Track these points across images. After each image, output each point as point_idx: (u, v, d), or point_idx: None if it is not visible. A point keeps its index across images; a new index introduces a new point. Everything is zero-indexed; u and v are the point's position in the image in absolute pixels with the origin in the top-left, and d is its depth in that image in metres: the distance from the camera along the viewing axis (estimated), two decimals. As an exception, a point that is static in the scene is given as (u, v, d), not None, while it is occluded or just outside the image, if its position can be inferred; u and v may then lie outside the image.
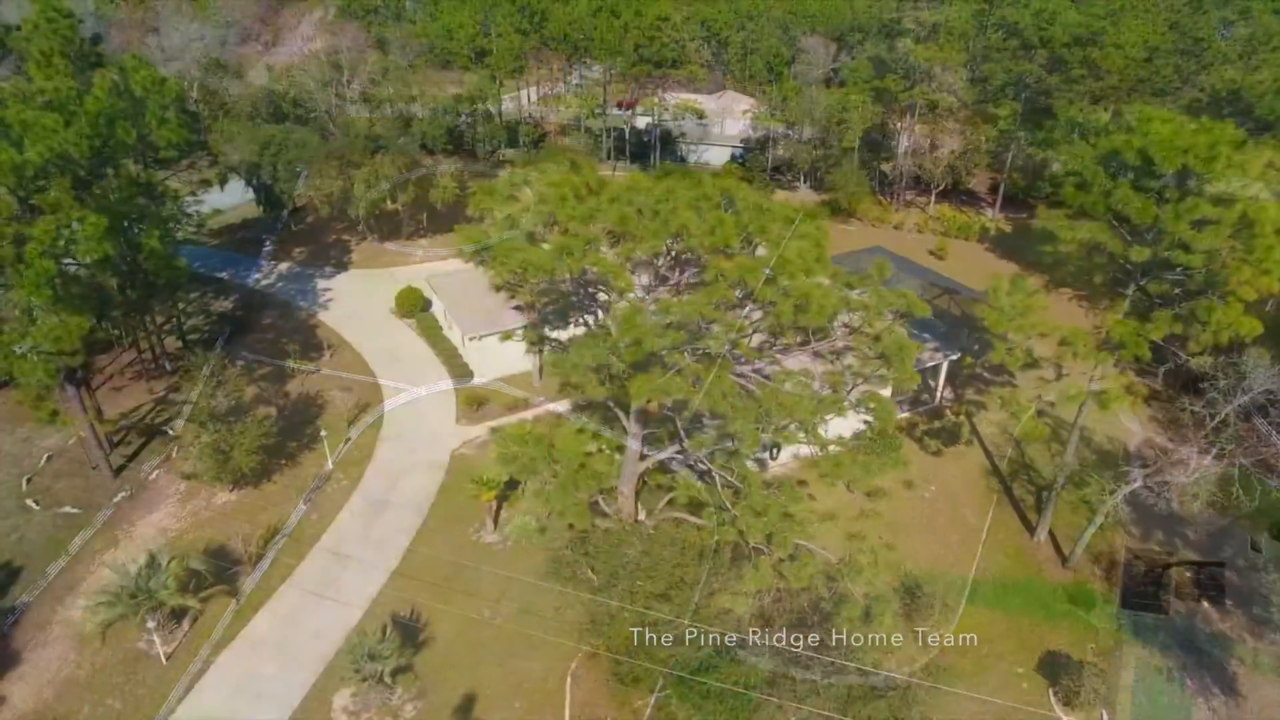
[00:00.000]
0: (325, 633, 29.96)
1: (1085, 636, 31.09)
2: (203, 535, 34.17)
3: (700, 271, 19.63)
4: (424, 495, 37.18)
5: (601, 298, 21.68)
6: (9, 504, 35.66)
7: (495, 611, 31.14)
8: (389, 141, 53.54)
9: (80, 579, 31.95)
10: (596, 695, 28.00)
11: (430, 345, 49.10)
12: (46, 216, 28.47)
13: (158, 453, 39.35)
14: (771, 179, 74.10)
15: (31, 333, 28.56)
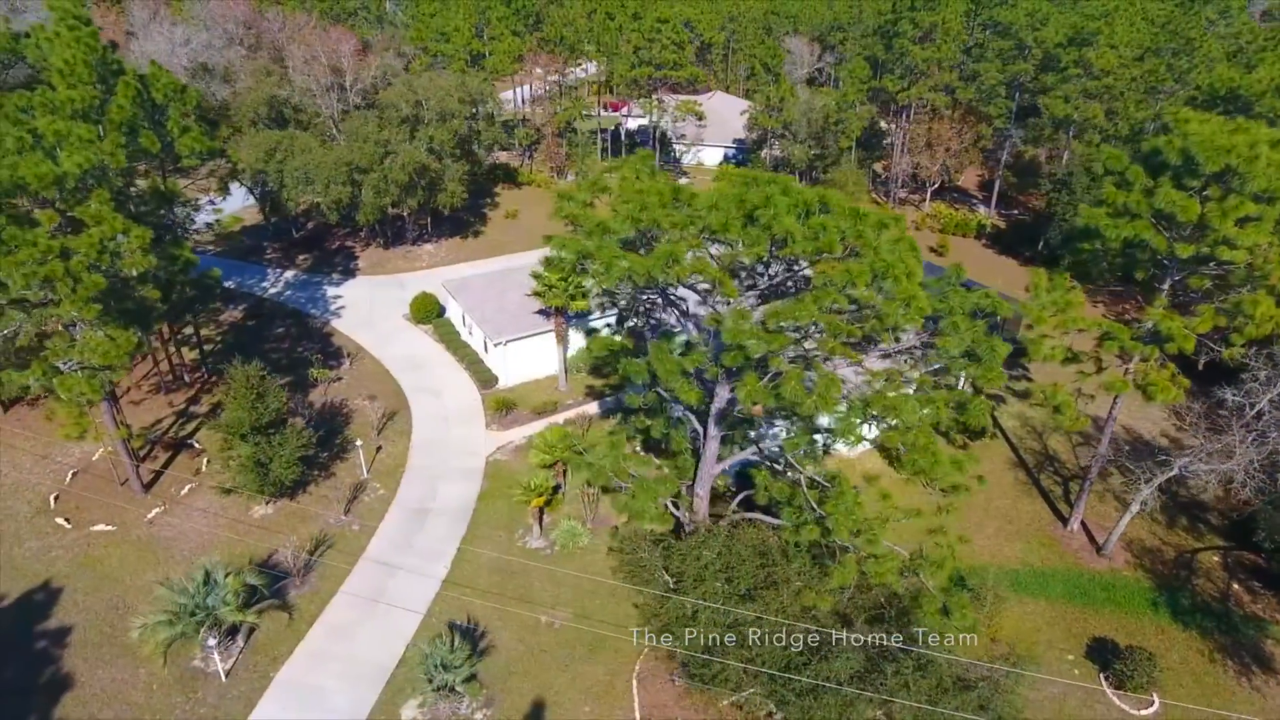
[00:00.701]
0: (383, 644, 29.74)
1: (1127, 622, 32.06)
2: (244, 549, 33.66)
3: (790, 275, 19.96)
4: (463, 502, 37.03)
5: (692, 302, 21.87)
6: (39, 522, 34.80)
7: (552, 616, 31.18)
8: (397, 146, 53.01)
9: (123, 597, 31.32)
10: (665, 696, 28.23)
11: (450, 351, 48.85)
12: (90, 229, 27.87)
13: (185, 466, 38.70)
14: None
15: (77, 348, 27.92)
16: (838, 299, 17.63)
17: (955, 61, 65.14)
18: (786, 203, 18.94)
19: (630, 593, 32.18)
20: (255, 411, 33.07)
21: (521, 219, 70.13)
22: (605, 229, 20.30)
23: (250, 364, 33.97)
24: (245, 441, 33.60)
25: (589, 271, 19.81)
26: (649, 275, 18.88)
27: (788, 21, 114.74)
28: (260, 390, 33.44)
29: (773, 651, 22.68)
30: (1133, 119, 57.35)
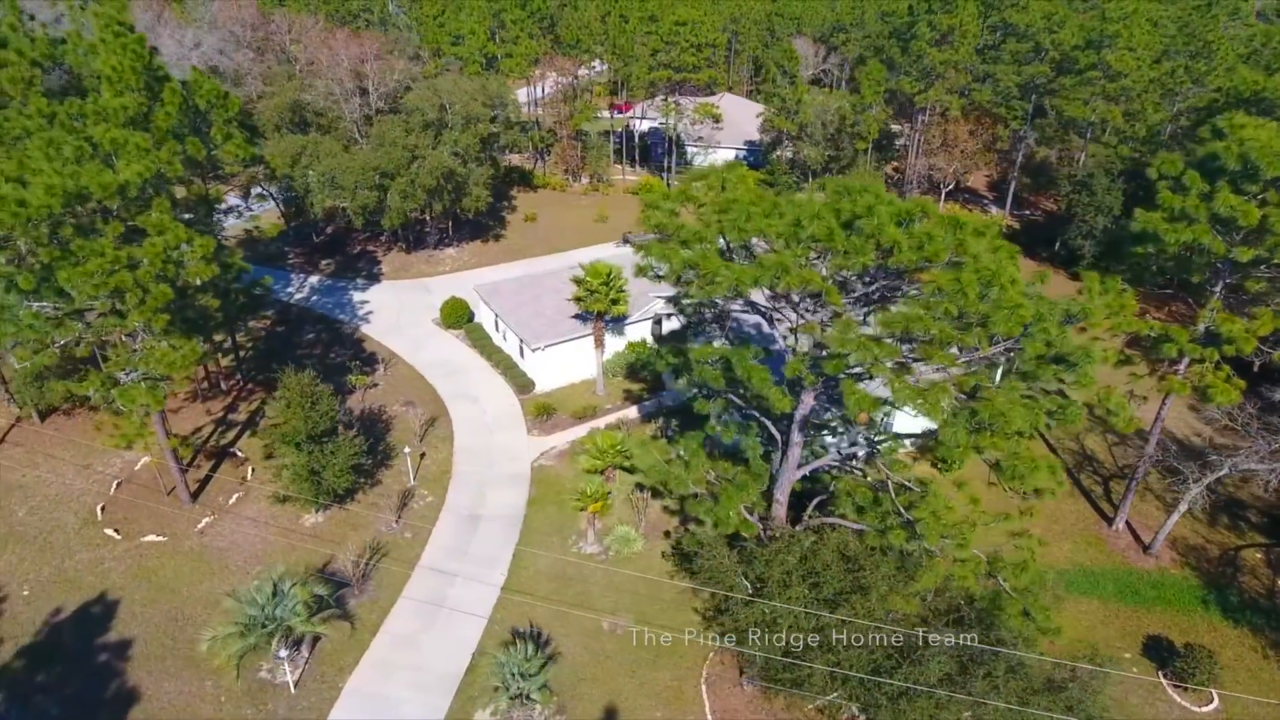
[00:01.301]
0: (450, 652, 29.73)
1: (1179, 620, 32.52)
2: (299, 558, 33.51)
3: (891, 285, 20.17)
4: (513, 509, 37.02)
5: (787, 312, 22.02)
6: (89, 534, 34.52)
7: (613, 622, 31.26)
8: (425, 151, 52.87)
9: (181, 608, 31.13)
10: (735, 702, 28.40)
11: (484, 356, 48.77)
12: (154, 239, 27.70)
13: (230, 474, 38.48)
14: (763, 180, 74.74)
15: (141, 358, 27.73)
16: (949, 307, 17.83)
17: (971, 64, 65.68)
18: (888, 212, 19.13)
19: (687, 597, 32.39)
20: (310, 420, 32.92)
21: (540, 222, 70.11)
22: (700, 238, 20.40)
23: (304, 372, 33.80)
24: (300, 450, 33.44)
25: (689, 282, 19.85)
26: (754, 285, 19.01)
27: (791, 23, 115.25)
28: (314, 398, 33.29)
29: (860, 655, 22.89)
30: (1150, 121, 58.07)
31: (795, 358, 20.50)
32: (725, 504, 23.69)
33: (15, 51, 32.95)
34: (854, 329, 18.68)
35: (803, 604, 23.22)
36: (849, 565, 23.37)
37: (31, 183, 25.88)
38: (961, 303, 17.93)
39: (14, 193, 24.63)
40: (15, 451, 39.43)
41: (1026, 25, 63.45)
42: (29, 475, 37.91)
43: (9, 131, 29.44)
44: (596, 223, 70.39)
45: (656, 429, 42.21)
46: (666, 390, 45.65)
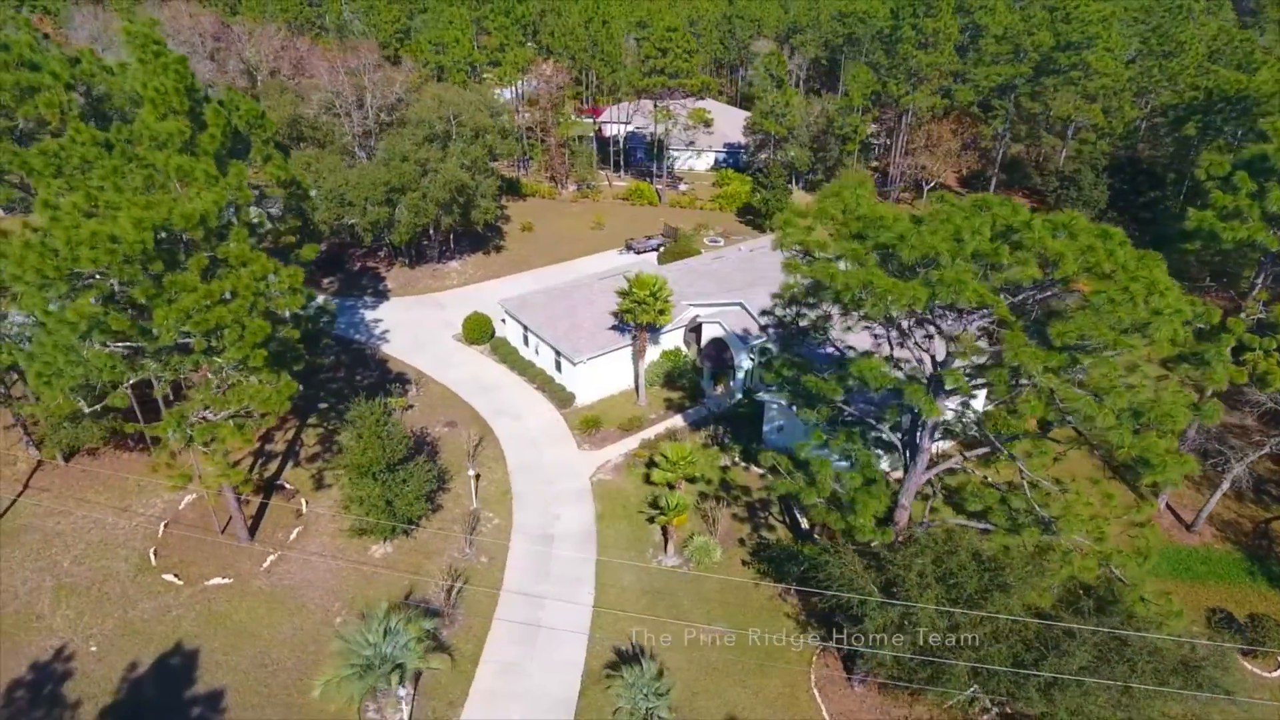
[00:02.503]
0: (557, 676, 29.39)
1: (1233, 592, 34.54)
2: (376, 591, 32.53)
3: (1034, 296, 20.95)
4: (584, 526, 36.76)
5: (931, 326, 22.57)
6: (146, 581, 32.80)
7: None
8: (437, 164, 51.83)
9: (266, 652, 29.91)
10: (848, 703, 28.94)
11: (516, 372, 48.15)
12: (241, 270, 26.56)
13: (282, 509, 37.09)
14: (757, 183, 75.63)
15: (235, 396, 26.54)
16: (1121, 314, 18.66)
17: (953, 66, 68.00)
18: (1046, 225, 19.88)
19: (777, 603, 32.84)
20: (387, 449, 32.04)
21: (538, 231, 69.48)
22: (858, 256, 20.76)
23: (375, 400, 32.88)
24: (376, 480, 32.51)
25: (861, 300, 20.14)
26: (921, 299, 19.48)
27: (751, 24, 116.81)
28: (387, 427, 32.42)
29: (1000, 651, 23.67)
30: (1127, 117, 61.22)
31: (952, 372, 21.06)
32: (862, 512, 24.13)
33: (49, 74, 30.98)
34: (1023, 339, 19.34)
35: (942, 603, 23.85)
36: (983, 565, 24.11)
37: (115, 217, 24.54)
38: (1130, 310, 18.76)
39: (103, 228, 23.27)
40: (44, 498, 37.12)
41: (1006, 28, 66.02)
42: (65, 522, 35.77)
43: (68, 161, 27.73)
44: (593, 230, 70.18)
45: (707, 437, 42.45)
46: (707, 397, 45.96)
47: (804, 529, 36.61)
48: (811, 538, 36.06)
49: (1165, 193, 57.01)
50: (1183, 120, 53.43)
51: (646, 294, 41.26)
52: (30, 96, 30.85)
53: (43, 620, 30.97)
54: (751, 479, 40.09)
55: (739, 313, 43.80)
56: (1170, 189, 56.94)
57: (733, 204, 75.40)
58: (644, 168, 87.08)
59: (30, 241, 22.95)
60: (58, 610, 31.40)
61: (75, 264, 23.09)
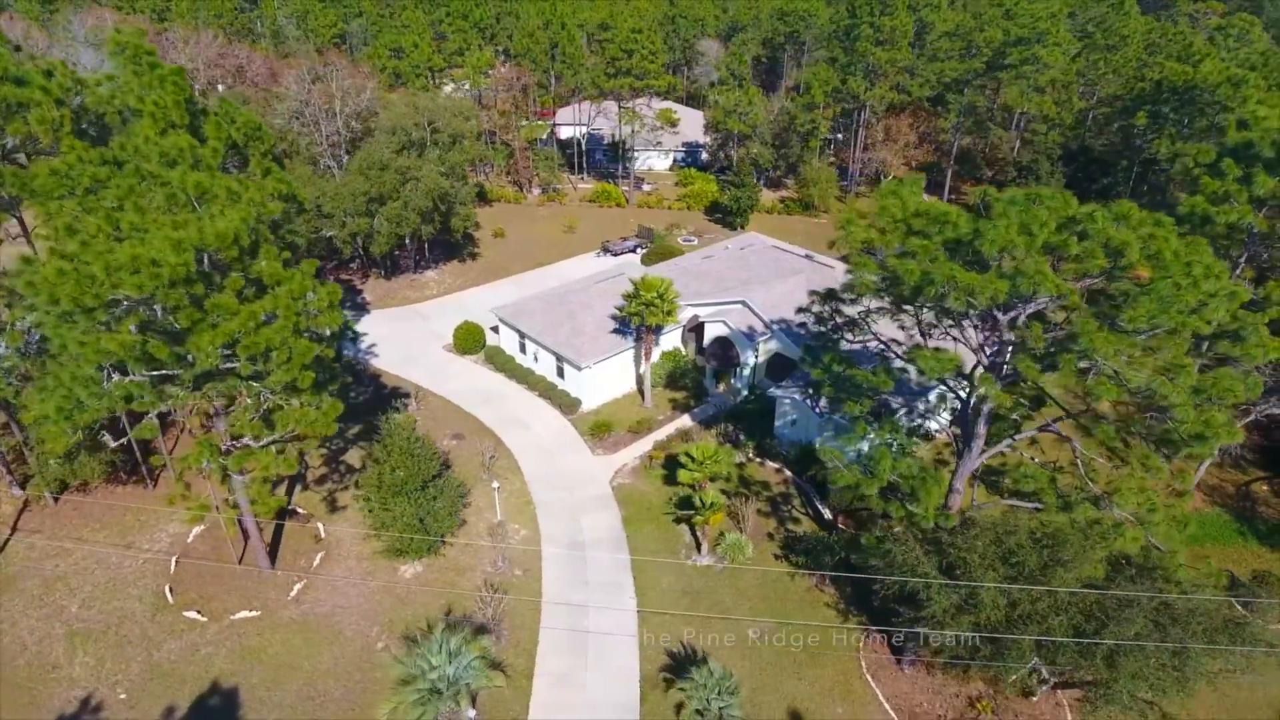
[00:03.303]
0: (615, 684, 29.24)
1: (1230, 553, 36.76)
2: (414, 612, 31.77)
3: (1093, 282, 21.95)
4: (612, 531, 36.63)
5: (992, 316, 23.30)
6: (167, 620, 31.17)
7: (758, 628, 31.79)
8: (418, 172, 50.68)
9: (310, 684, 28.83)
10: (901, 685, 29.70)
11: (515, 380, 47.55)
12: (278, 290, 25.55)
13: (298, 534, 35.77)
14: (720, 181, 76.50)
15: (281, 420, 25.48)
16: (1187, 298, 19.77)
17: (909, 63, 70.20)
18: (1107, 216, 20.87)
19: (814, 594, 33.42)
20: (421, 467, 31.28)
21: (510, 237, 68.65)
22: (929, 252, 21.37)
23: (404, 416, 32.04)
24: (409, 500, 31.69)
25: (944, 295, 20.68)
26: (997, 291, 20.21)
27: (696, 24, 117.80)
28: (417, 446, 31.66)
29: (1061, 623, 24.73)
30: (1076, 108, 64.38)
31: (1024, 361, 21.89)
32: (926, 500, 24.83)
33: (39, 89, 29.07)
34: (1096, 325, 20.26)
35: (1005, 582, 24.76)
36: (1039, 542, 25.12)
37: (143, 239, 23.30)
38: (1194, 293, 19.88)
39: (143, 251, 22.08)
40: (36, 540, 34.84)
41: (957, 25, 68.54)
42: (64, 564, 33.66)
43: (78, 182, 26.12)
44: (566, 233, 69.76)
45: (718, 435, 42.80)
46: (711, 396, 46.33)
47: (827, 520, 37.36)
48: (835, 528, 36.90)
49: (1116, 179, 60.23)
50: (1133, 110, 56.55)
51: (654, 296, 41.35)
52: (18, 113, 28.88)
53: (60, 670, 29.11)
54: (768, 474, 40.66)
55: (742, 311, 44.31)
56: (1121, 175, 60.17)
57: (700, 203, 76.05)
58: (605, 169, 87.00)
59: (64, 269, 21.56)
60: (75, 658, 29.55)
61: (116, 290, 21.81)
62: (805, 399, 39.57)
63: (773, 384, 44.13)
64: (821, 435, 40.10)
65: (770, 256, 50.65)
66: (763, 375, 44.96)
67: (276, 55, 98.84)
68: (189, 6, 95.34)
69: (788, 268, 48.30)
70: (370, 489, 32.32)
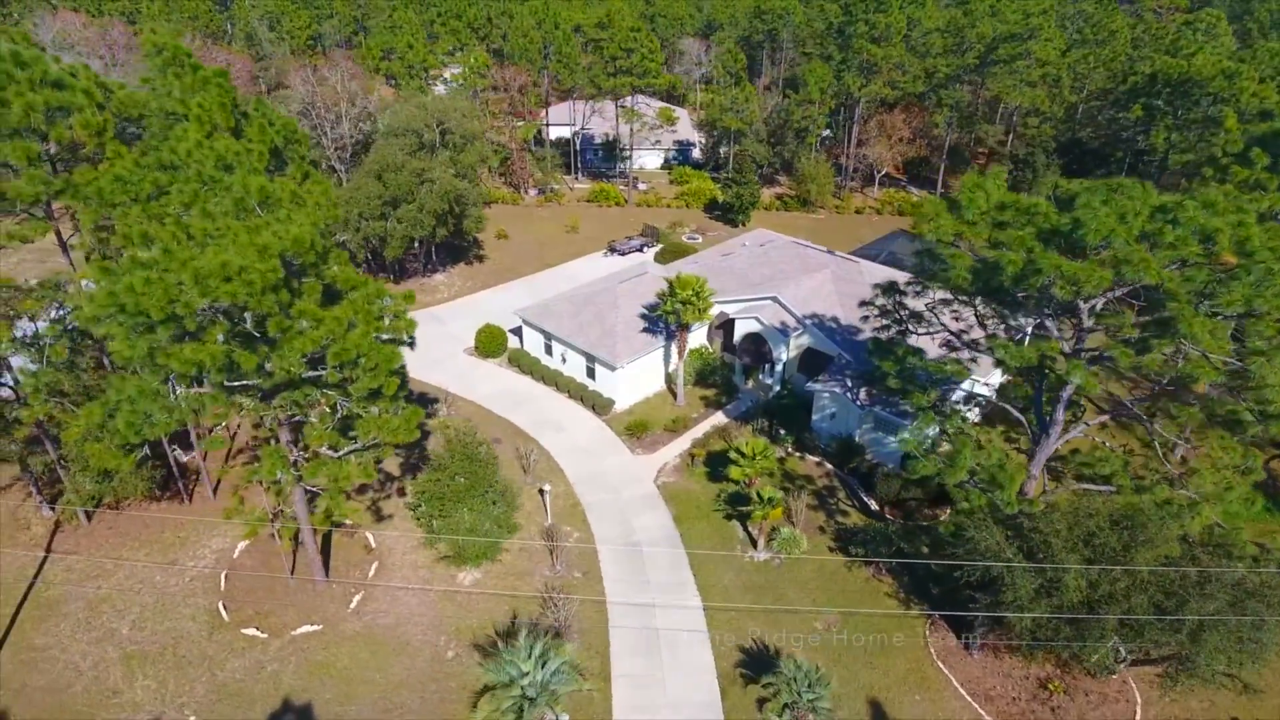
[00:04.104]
0: (694, 682, 29.19)
1: (1261, 527, 38.07)
2: (478, 619, 31.36)
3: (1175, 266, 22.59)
4: (665, 531, 36.55)
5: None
6: (225, 638, 30.28)
7: (826, 621, 32.04)
8: (433, 174, 49.96)
9: (387, 697, 28.26)
10: (972, 670, 30.16)
11: (543, 382, 47.19)
12: (354, 295, 25.03)
13: (345, 546, 35.01)
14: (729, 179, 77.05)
15: (363, 429, 24.94)
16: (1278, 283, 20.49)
17: (903, 59, 71.28)
18: (1196, 204, 21.50)
19: (873, 584, 33.79)
20: (484, 473, 30.87)
21: (513, 239, 68.06)
22: (1025, 243, 21.77)
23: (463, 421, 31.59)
24: (469, 506, 31.24)
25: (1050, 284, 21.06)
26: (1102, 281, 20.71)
27: (675, 23, 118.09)
28: (479, 451, 31.25)
29: (1142, 602, 25.39)
30: (1067, 101, 66.07)
31: (1118, 347, 22.42)
32: (1009, 487, 25.29)
33: (80, 92, 27.97)
34: (1192, 310, 20.86)
35: (1085, 563, 25.33)
36: (1119, 523, 25.75)
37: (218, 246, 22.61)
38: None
39: (232, 258, 21.44)
40: (73, 561, 33.57)
41: (949, 21, 69.81)
42: (106, 585, 32.50)
43: (140, 190, 25.21)
44: (569, 234, 69.41)
45: (756, 430, 42.97)
46: (741, 392, 46.51)
47: (873, 511, 37.79)
48: (883, 519, 37.35)
49: (1110, 170, 61.99)
50: (1127, 103, 58.24)
51: (689, 293, 41.38)
52: (60, 118, 27.77)
53: (121, 695, 28.09)
54: (808, 468, 40.96)
55: (773, 307, 44.56)
56: (1114, 166, 61.96)
57: (699, 200, 76.27)
58: (597, 169, 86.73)
59: (151, 278, 20.81)
60: (135, 682, 28.55)
61: (207, 298, 21.13)
62: (846, 392, 39.99)
63: (805, 379, 44.48)
64: (861, 428, 40.62)
65: (792, 252, 51.01)
66: (794, 370, 45.26)
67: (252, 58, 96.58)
68: (161, 9, 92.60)
69: (812, 263, 48.69)
70: (427, 496, 31.76)
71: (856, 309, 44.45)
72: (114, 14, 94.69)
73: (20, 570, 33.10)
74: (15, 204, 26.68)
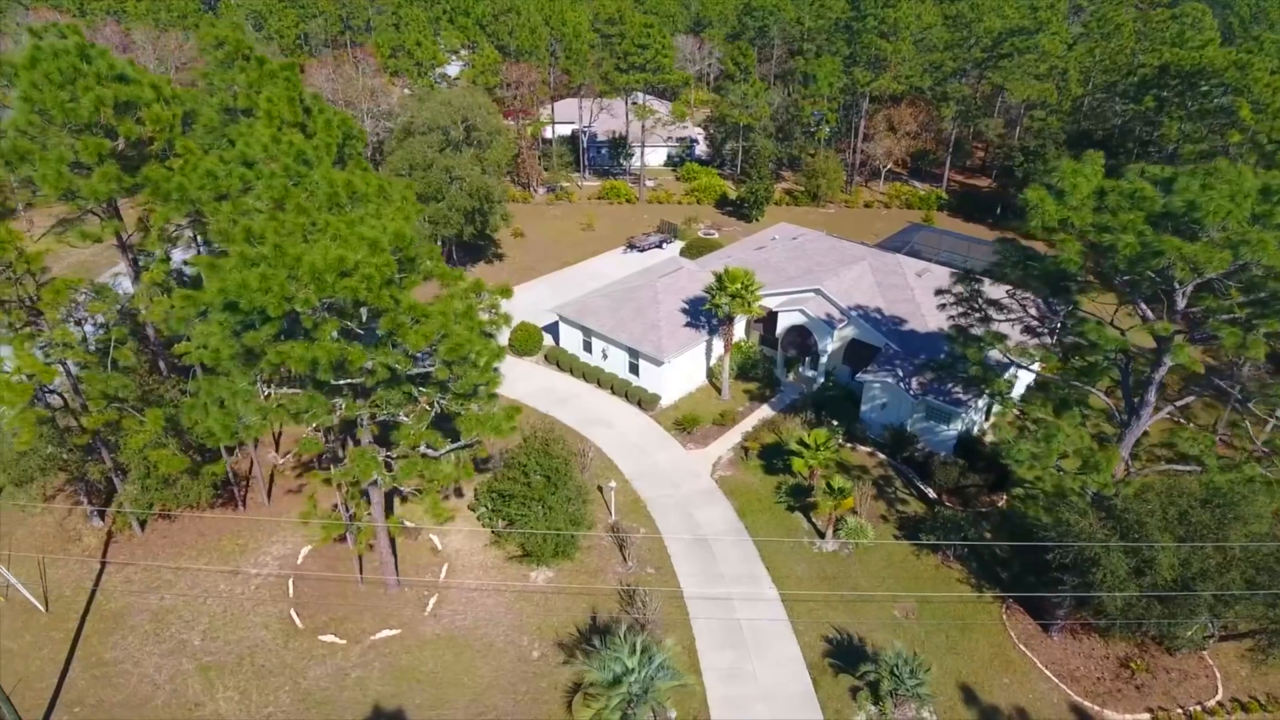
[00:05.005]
0: (785, 673, 29.11)
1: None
2: (559, 617, 31.00)
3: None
4: (730, 524, 36.46)
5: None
6: (302, 645, 29.56)
7: (903, 608, 32.20)
8: (462, 170, 49.32)
9: (477, 699, 27.79)
10: (1053, 651, 30.50)
11: (584, 379, 46.83)
12: (453, 289, 24.61)
13: (409, 548, 34.39)
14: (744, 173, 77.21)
15: (465, 427, 24.50)
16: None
17: (910, 54, 72.01)
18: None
19: (942, 571, 34.01)
20: (562, 471, 30.53)
21: (530, 237, 67.48)
22: (1136, 226, 22.07)
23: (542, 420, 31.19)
24: (552, 508, 30.87)
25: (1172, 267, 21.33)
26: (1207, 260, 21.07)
27: (666, 20, 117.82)
28: (558, 448, 30.91)
29: (1235, 579, 25.90)
30: (1074, 94, 67.27)
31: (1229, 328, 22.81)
32: (1105, 470, 25.61)
33: (148, 86, 27.08)
34: (1304, 288, 21.33)
35: (1177, 542, 25.76)
36: (1209, 502, 26.22)
37: (319, 241, 22.07)
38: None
39: (347, 253, 20.92)
40: (131, 573, 32.54)
41: (956, 15, 70.69)
42: (169, 596, 31.56)
43: (230, 186, 24.48)
44: (585, 231, 69.01)
45: (804, 422, 42.99)
46: (784, 385, 46.59)
47: (930, 498, 38.06)
48: (941, 504, 37.63)
49: (1120, 161, 63.14)
50: (1138, 95, 59.45)
51: (739, 286, 41.35)
52: (128, 113, 26.87)
53: (203, 707, 27.27)
54: (860, 457, 41.12)
55: (818, 299, 44.69)
56: (1123, 157, 63.15)
57: (709, 196, 76.31)
58: (602, 166, 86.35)
59: (267, 274, 20.21)
60: (215, 694, 27.74)
61: (324, 294, 20.57)
62: (899, 382, 40.25)
63: (849, 370, 44.72)
64: (913, 417, 40.91)
65: (827, 245, 51.23)
66: (838, 362, 45.44)
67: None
68: (148, 7, 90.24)
69: (848, 256, 48.94)
70: (499, 495, 31.32)
71: (897, 300, 45.03)
72: (97, 13, 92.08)
73: (77, 582, 32.02)
74: (88, 202, 25.71)
